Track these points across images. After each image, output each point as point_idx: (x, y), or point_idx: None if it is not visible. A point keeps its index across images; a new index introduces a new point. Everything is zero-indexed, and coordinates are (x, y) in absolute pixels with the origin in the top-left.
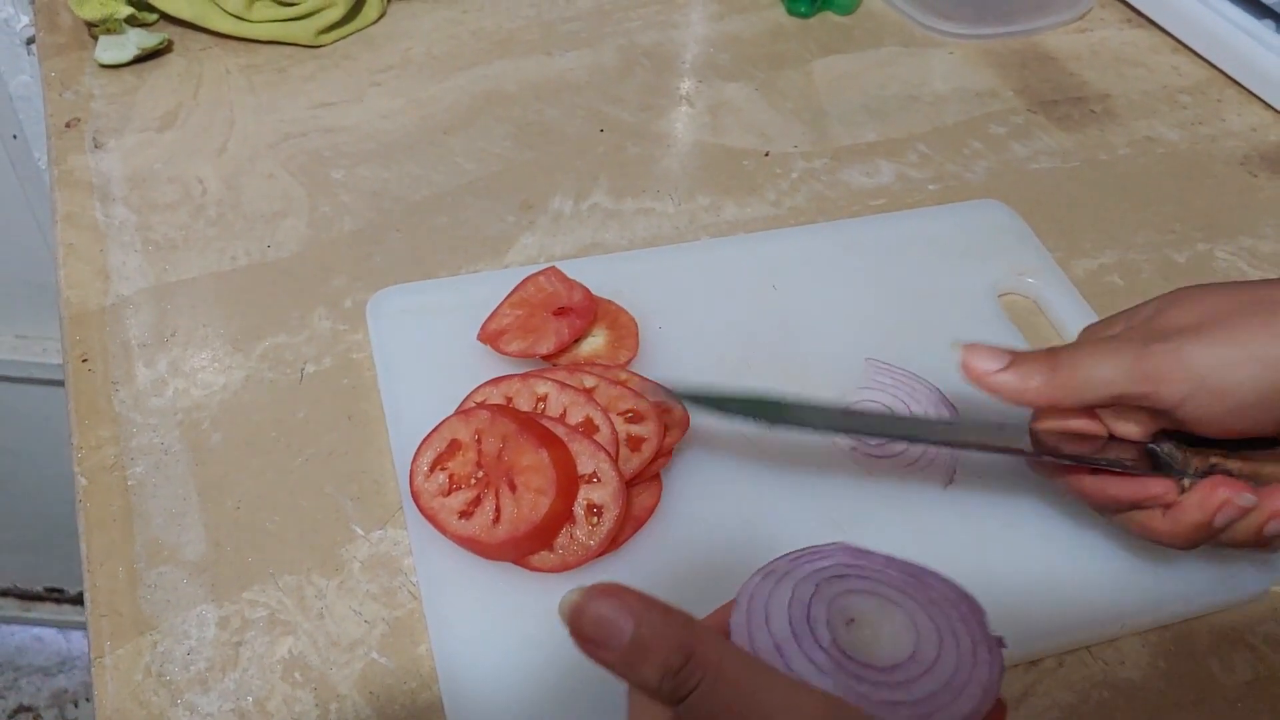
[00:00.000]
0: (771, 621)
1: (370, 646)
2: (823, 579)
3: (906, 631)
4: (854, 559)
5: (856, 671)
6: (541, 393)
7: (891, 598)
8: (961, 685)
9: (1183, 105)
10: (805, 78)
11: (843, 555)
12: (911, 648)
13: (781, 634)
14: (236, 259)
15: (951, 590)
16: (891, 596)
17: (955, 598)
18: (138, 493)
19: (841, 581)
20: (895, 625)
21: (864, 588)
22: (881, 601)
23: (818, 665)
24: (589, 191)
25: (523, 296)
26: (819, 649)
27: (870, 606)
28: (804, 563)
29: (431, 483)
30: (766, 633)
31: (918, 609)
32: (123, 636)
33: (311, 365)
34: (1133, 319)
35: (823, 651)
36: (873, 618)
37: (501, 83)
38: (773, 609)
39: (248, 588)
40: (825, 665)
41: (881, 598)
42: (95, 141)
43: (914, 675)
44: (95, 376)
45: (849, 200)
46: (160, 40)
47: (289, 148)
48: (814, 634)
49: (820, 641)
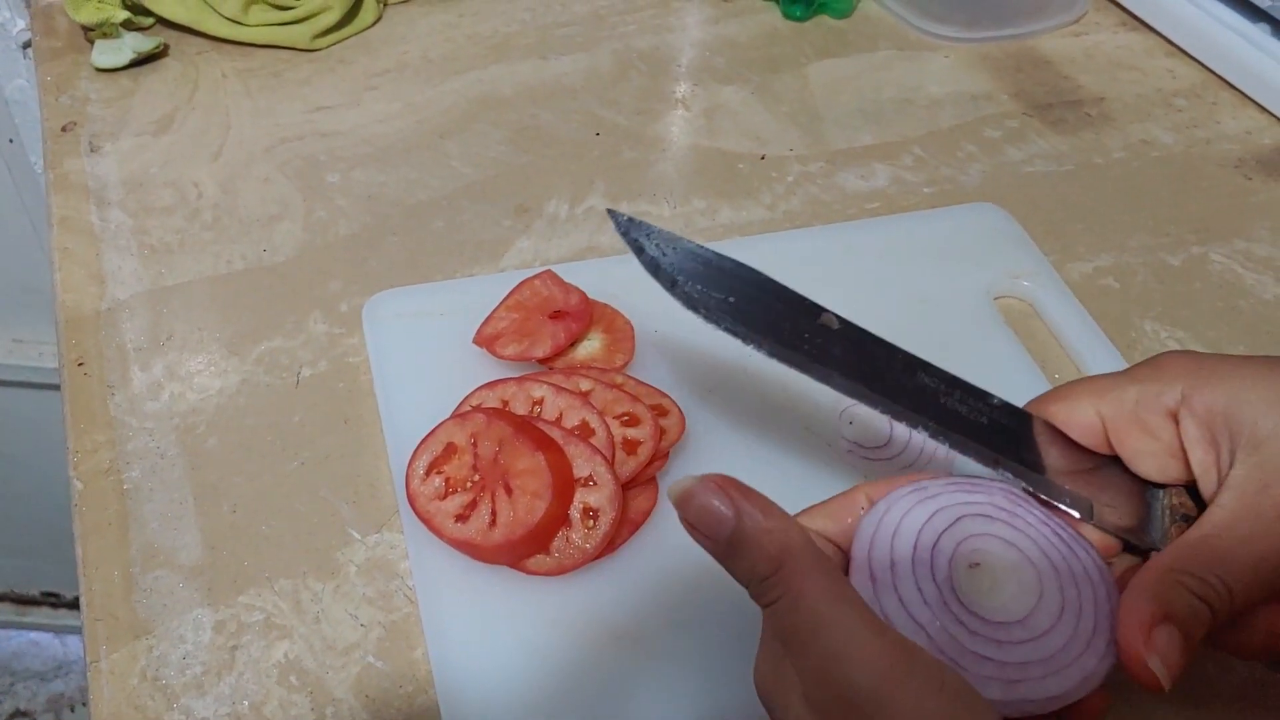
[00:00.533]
0: (899, 537)
1: (366, 650)
2: (968, 514)
3: (1029, 593)
4: (1011, 504)
5: (960, 614)
6: (537, 396)
7: (1031, 556)
8: (1062, 665)
9: (1177, 109)
10: (800, 81)
11: (1001, 497)
12: (1027, 611)
13: (902, 553)
14: (232, 263)
15: (1098, 571)
16: (1031, 555)
17: (1099, 579)
18: (133, 497)
19: (986, 522)
20: (1020, 583)
21: (1007, 535)
22: (1019, 556)
23: (924, 595)
24: (585, 195)
25: (518, 300)
26: (931, 580)
27: (1003, 556)
28: (959, 491)
29: (427, 486)
30: (889, 547)
31: (1052, 576)
32: (118, 641)
33: (307, 369)
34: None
35: (934, 585)
36: (1000, 568)
37: (497, 86)
38: (905, 525)
39: (243, 591)
40: (932, 598)
41: (1020, 552)
42: (91, 145)
43: (1018, 638)
44: (91, 381)
45: (844, 204)
46: (156, 44)
47: (285, 151)
48: (933, 564)
49: (936, 574)
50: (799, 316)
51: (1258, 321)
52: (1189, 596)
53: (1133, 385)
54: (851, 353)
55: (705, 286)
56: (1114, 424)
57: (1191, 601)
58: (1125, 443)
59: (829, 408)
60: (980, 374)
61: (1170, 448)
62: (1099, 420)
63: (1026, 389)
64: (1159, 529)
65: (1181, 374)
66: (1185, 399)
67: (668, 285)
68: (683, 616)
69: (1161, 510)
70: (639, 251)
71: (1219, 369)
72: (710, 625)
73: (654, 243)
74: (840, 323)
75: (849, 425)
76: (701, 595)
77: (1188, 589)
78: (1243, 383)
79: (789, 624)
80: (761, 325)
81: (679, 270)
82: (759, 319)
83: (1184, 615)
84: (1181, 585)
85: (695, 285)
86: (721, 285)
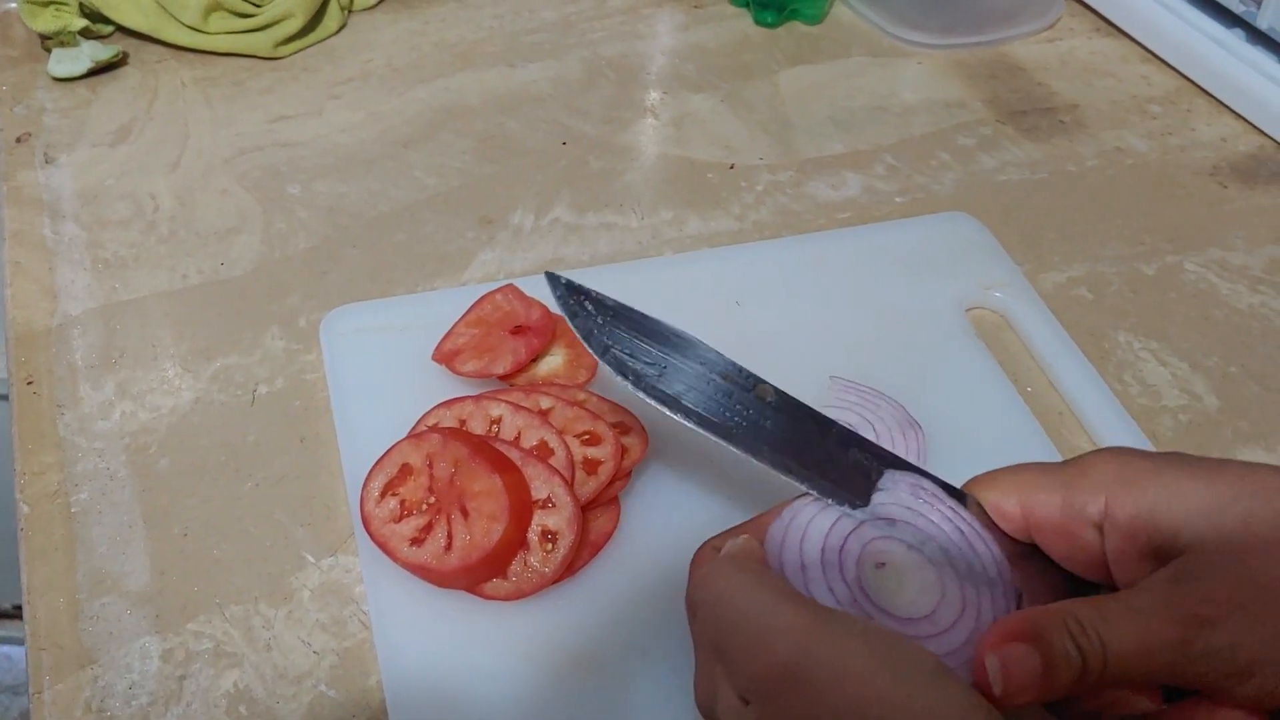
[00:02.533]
0: (807, 540)
1: (319, 679)
2: (871, 517)
3: (932, 591)
4: (915, 502)
5: (871, 612)
6: (495, 415)
7: (932, 557)
8: (966, 659)
9: (1152, 115)
10: (772, 89)
11: (906, 494)
12: (932, 607)
13: (811, 556)
14: (188, 277)
15: (998, 571)
16: (932, 556)
17: (997, 579)
18: (81, 520)
19: (889, 526)
20: (923, 582)
21: (909, 537)
22: (920, 559)
23: (835, 595)
24: (550, 206)
25: (479, 315)
26: (842, 581)
27: (906, 558)
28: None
29: (382, 509)
30: (799, 550)
31: (952, 576)
32: (63, 671)
33: (264, 387)
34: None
35: (844, 584)
36: (904, 569)
37: (463, 95)
38: (812, 530)
39: (193, 618)
40: (843, 597)
41: (922, 555)
42: (46, 157)
43: (926, 633)
44: (40, 400)
45: (815, 213)
46: (115, 53)
47: (245, 162)
48: (842, 565)
49: (845, 574)
50: (735, 388)
51: (1232, 331)
52: (1066, 638)
53: (1058, 491)
54: (784, 426)
55: (637, 355)
56: (1039, 527)
57: (1065, 643)
58: (1051, 547)
59: None
60: (952, 388)
61: (1095, 557)
62: (1021, 512)
63: (999, 403)
64: None
65: (1106, 481)
66: (1109, 511)
67: (599, 352)
68: (644, 641)
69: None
70: (573, 316)
71: (1144, 476)
72: (672, 650)
73: (590, 307)
74: (776, 395)
75: None
76: (663, 619)
77: (1068, 631)
78: (1167, 490)
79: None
80: (692, 398)
81: (612, 337)
82: (692, 389)
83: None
84: (1064, 626)
85: (626, 352)
86: (653, 354)
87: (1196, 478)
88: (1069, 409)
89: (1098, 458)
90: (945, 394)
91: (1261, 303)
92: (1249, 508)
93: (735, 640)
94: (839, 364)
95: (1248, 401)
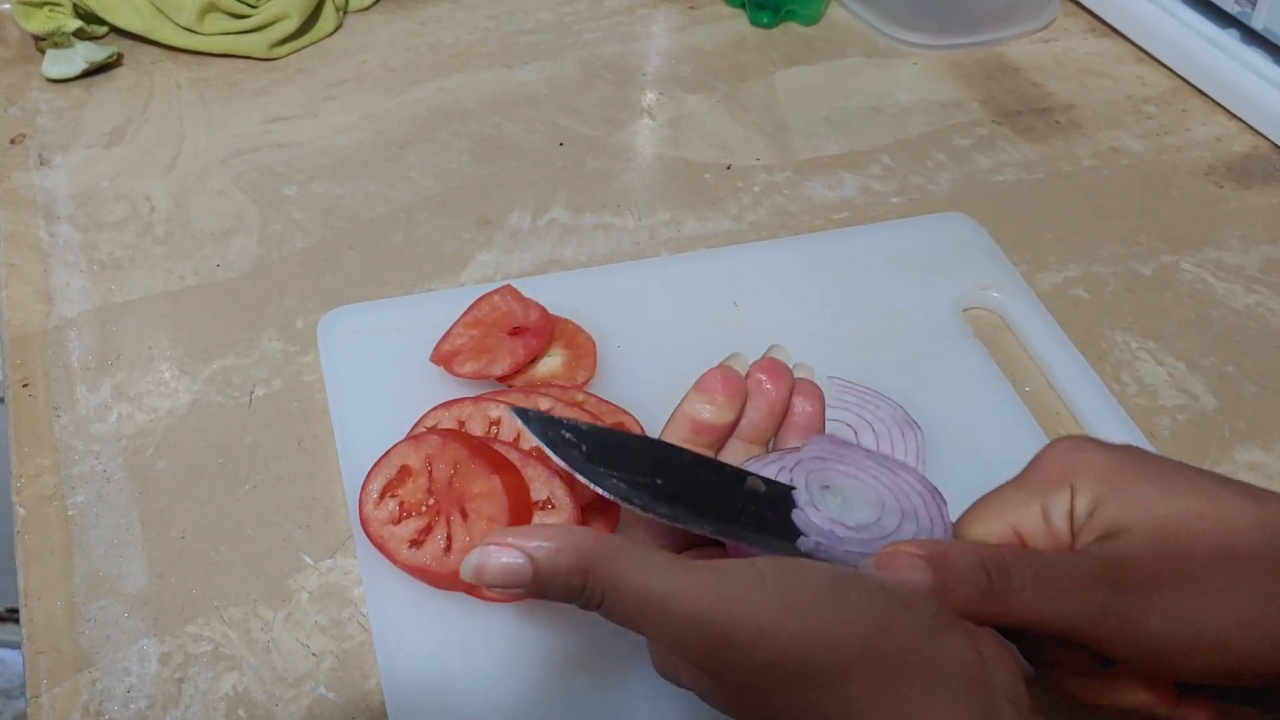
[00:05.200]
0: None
1: (318, 681)
2: (806, 458)
3: (873, 504)
4: (837, 448)
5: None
6: (494, 416)
7: (863, 479)
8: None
9: (1147, 115)
10: (768, 89)
11: (828, 444)
12: (876, 517)
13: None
14: (185, 279)
15: (919, 480)
16: (863, 478)
17: (921, 487)
18: (78, 523)
19: (822, 463)
20: (865, 497)
21: (842, 469)
22: (857, 481)
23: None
24: (547, 207)
25: (477, 316)
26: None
27: (845, 481)
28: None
29: (381, 510)
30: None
31: (885, 489)
32: (60, 674)
33: (261, 388)
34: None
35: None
36: (846, 489)
37: (459, 96)
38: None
39: (191, 621)
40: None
41: (856, 478)
42: (41, 158)
43: (876, 535)
44: (36, 402)
45: (811, 214)
46: (109, 54)
47: (240, 164)
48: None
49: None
50: (726, 487)
51: (1228, 331)
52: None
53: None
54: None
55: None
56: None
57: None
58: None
59: None
60: (949, 388)
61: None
62: (1014, 534)
63: (996, 403)
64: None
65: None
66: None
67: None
68: (642, 643)
69: None
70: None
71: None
72: None
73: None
74: (766, 484)
75: None
76: None
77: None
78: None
79: (622, 614)
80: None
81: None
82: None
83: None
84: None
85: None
86: (645, 469)
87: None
88: (1066, 408)
89: (1052, 451)
90: (943, 394)
91: (1258, 302)
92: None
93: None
94: (836, 365)
95: (1244, 401)
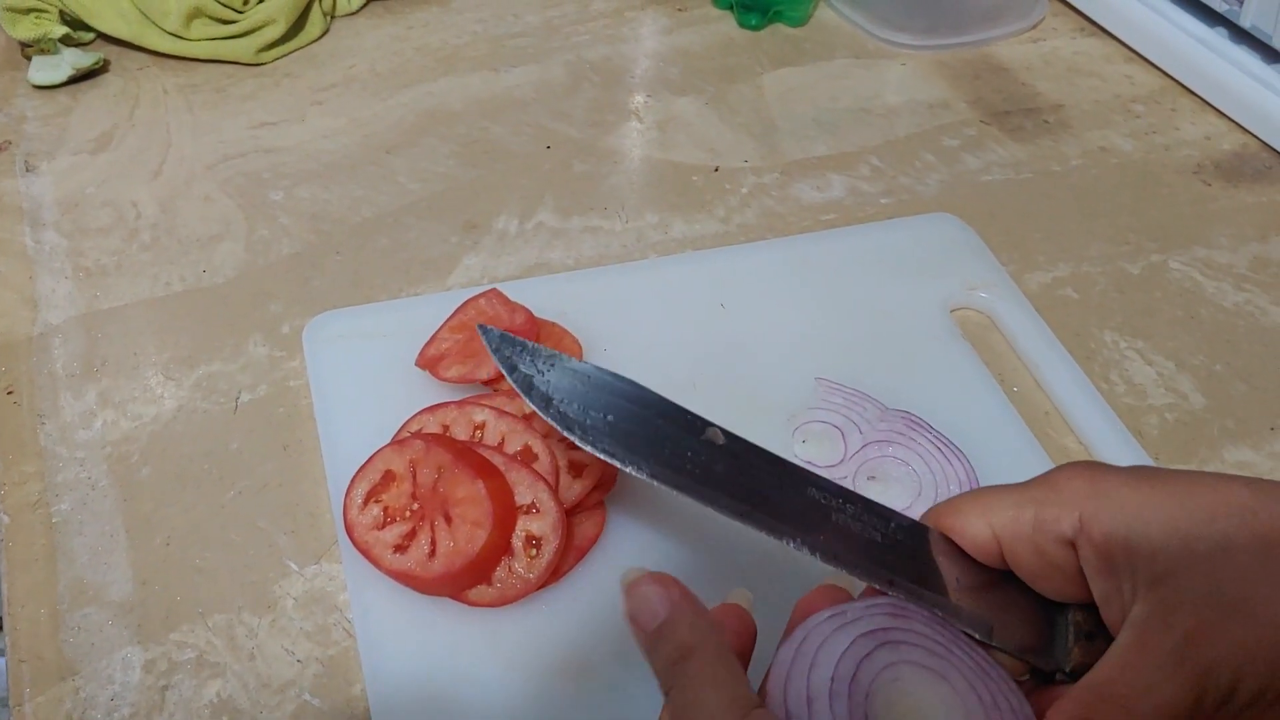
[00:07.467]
0: (815, 670)
1: (303, 688)
2: (883, 642)
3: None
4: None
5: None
6: (479, 420)
7: (956, 689)
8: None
9: (1136, 115)
10: (756, 91)
11: (920, 624)
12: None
13: (818, 688)
14: (171, 285)
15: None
16: (957, 687)
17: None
18: (62, 530)
19: (895, 650)
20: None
21: (930, 664)
22: (939, 692)
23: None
24: (534, 210)
25: (463, 320)
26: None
27: (922, 688)
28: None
29: (366, 515)
30: (805, 681)
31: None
32: (43, 683)
33: (247, 394)
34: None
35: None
36: (920, 701)
37: (446, 100)
38: (821, 658)
39: (175, 628)
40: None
41: (945, 683)
42: (27, 165)
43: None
44: (20, 409)
45: (799, 215)
46: (96, 60)
47: (227, 169)
48: (850, 697)
49: (853, 711)
50: (682, 434)
51: (1217, 330)
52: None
53: (1029, 507)
54: (736, 469)
55: (583, 405)
56: (1010, 545)
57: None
58: (1022, 565)
59: (781, 425)
60: (938, 389)
61: (1069, 574)
62: (995, 538)
63: (985, 404)
64: (1062, 649)
65: (1078, 496)
66: (1083, 526)
67: (541, 405)
68: (630, 647)
69: (1064, 628)
70: (511, 370)
71: (1117, 491)
72: None
73: (528, 359)
74: (726, 437)
75: (802, 444)
76: None
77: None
78: (1141, 508)
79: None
80: (642, 446)
81: (554, 389)
82: (639, 439)
83: None
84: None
85: (572, 404)
86: (600, 403)
87: (1171, 496)
88: (1055, 409)
89: (1067, 473)
90: (931, 395)
91: (1246, 300)
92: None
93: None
94: (824, 366)
95: (1233, 400)
